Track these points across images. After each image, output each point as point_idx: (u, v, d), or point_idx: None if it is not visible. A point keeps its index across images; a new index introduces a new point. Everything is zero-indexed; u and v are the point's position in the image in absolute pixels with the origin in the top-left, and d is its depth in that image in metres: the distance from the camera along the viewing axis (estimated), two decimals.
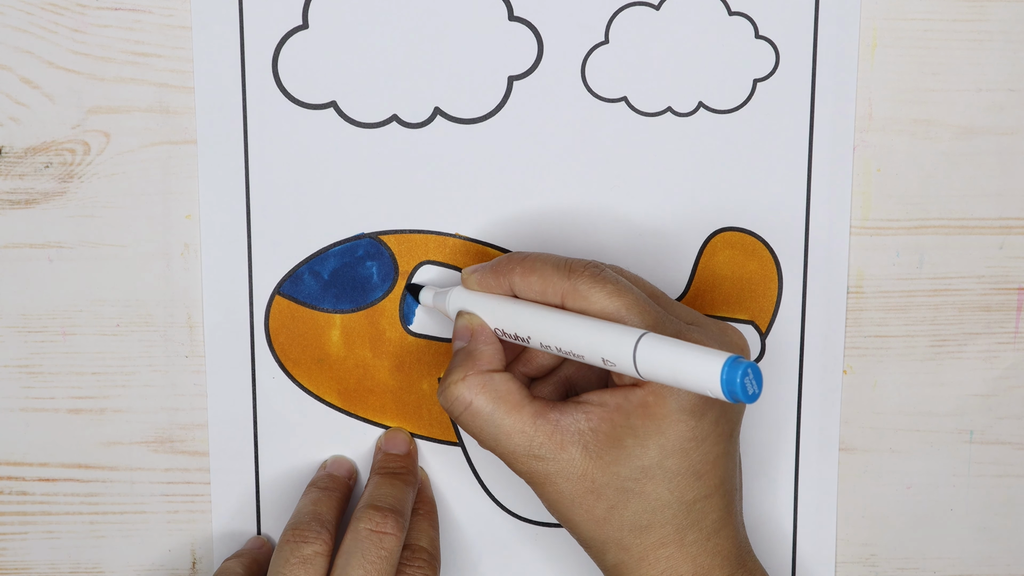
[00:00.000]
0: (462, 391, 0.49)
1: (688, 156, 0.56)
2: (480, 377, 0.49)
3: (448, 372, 0.50)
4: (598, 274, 0.49)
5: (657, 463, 0.48)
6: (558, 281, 0.49)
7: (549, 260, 0.50)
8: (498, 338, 0.51)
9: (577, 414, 0.49)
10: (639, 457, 0.48)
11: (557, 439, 0.48)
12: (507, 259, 0.51)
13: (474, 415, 0.49)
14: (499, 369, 0.50)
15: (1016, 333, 0.59)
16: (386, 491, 0.54)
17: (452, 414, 0.50)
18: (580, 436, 0.48)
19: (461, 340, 0.51)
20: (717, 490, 0.49)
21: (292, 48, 0.55)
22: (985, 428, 0.60)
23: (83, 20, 0.54)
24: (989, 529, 0.61)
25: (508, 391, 0.49)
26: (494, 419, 0.49)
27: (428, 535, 0.55)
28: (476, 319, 0.51)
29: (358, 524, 0.52)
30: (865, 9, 0.56)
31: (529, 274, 0.50)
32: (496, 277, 0.51)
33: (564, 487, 0.49)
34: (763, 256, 0.58)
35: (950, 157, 0.57)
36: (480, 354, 0.50)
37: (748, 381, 0.42)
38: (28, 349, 0.56)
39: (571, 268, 0.49)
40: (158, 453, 0.58)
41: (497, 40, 0.55)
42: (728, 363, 0.42)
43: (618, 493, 0.48)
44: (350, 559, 0.51)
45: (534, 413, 0.49)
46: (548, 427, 0.48)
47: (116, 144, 0.55)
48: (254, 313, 0.57)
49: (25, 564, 0.58)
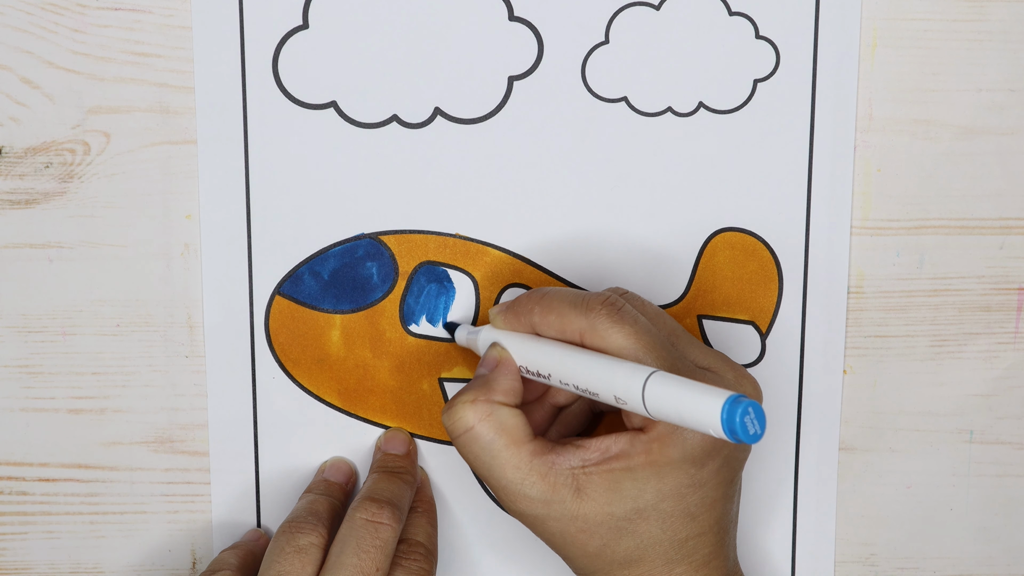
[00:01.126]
0: (467, 413, 0.49)
1: (688, 156, 0.56)
2: (488, 405, 0.49)
3: (459, 393, 0.50)
4: (615, 313, 0.49)
5: (652, 505, 0.48)
6: (576, 319, 0.49)
7: (566, 298, 0.50)
8: (521, 375, 0.51)
9: (573, 456, 0.49)
10: (635, 500, 0.48)
11: (550, 480, 0.48)
12: (526, 298, 0.51)
13: (473, 440, 0.49)
14: (511, 404, 0.50)
15: (1016, 333, 0.59)
16: (384, 486, 0.54)
17: (451, 434, 0.50)
18: (574, 480, 0.48)
19: (484, 368, 0.51)
20: (711, 528, 0.50)
21: (292, 48, 0.54)
22: (985, 428, 0.60)
23: (83, 20, 0.54)
24: (989, 529, 0.61)
25: (513, 426, 0.49)
26: (492, 449, 0.49)
27: (426, 531, 0.55)
28: (506, 353, 0.51)
29: (354, 514, 0.52)
30: (865, 9, 0.56)
31: (547, 313, 0.50)
32: (517, 317, 0.51)
33: (555, 528, 0.49)
34: (763, 256, 0.58)
35: (950, 157, 0.57)
36: (496, 384, 0.50)
37: (749, 420, 0.42)
38: (28, 349, 0.56)
39: (588, 306, 0.49)
40: (158, 453, 0.58)
41: (497, 40, 0.55)
42: (729, 401, 0.42)
43: (611, 531, 0.48)
44: (345, 547, 0.51)
45: (532, 452, 0.49)
46: (543, 467, 0.48)
47: (116, 144, 0.55)
48: (254, 313, 0.57)
49: (25, 564, 0.58)
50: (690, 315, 0.58)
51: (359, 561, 0.50)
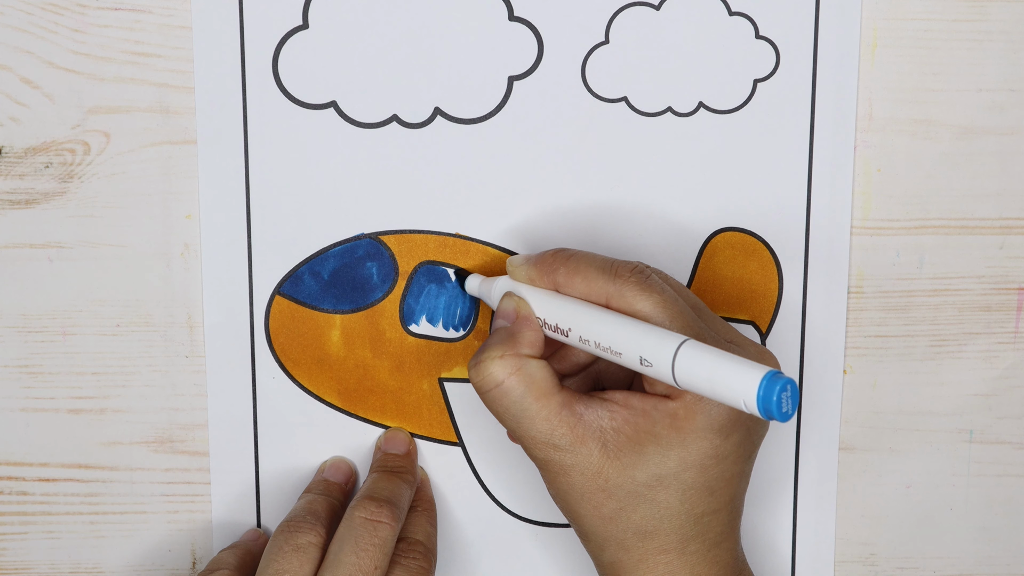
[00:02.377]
0: (496, 368, 0.49)
1: (688, 156, 0.56)
2: (517, 359, 0.49)
3: (485, 347, 0.50)
4: (644, 280, 0.49)
5: (674, 474, 0.48)
6: (603, 284, 0.49)
7: (594, 262, 0.50)
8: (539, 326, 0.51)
9: (602, 411, 0.49)
10: (657, 465, 0.48)
11: (579, 432, 0.48)
12: (552, 256, 0.51)
13: (503, 394, 0.49)
14: (536, 356, 0.50)
15: (1016, 333, 0.59)
16: (383, 485, 0.54)
17: (480, 389, 0.50)
18: (601, 433, 0.48)
19: (504, 319, 0.51)
20: (726, 506, 0.50)
21: (292, 48, 0.54)
22: (985, 428, 0.60)
23: (83, 20, 0.54)
24: (989, 529, 0.61)
25: (541, 377, 0.49)
26: (522, 403, 0.49)
27: (425, 530, 0.55)
28: (524, 304, 0.51)
29: (353, 513, 0.52)
30: (865, 9, 0.56)
31: (573, 275, 0.50)
32: (540, 274, 0.51)
33: (576, 480, 0.49)
34: (763, 256, 0.58)
35: (950, 157, 0.57)
36: (522, 337, 0.50)
37: (785, 398, 0.42)
38: (28, 349, 0.56)
39: (616, 272, 0.49)
40: (158, 453, 0.58)
41: (497, 40, 0.55)
42: (767, 377, 0.42)
43: (629, 496, 0.48)
44: (343, 545, 0.51)
45: (560, 403, 0.49)
46: (572, 419, 0.49)
47: (116, 144, 0.55)
48: (254, 313, 0.57)
49: (25, 564, 0.58)
50: None
51: (357, 559, 0.51)
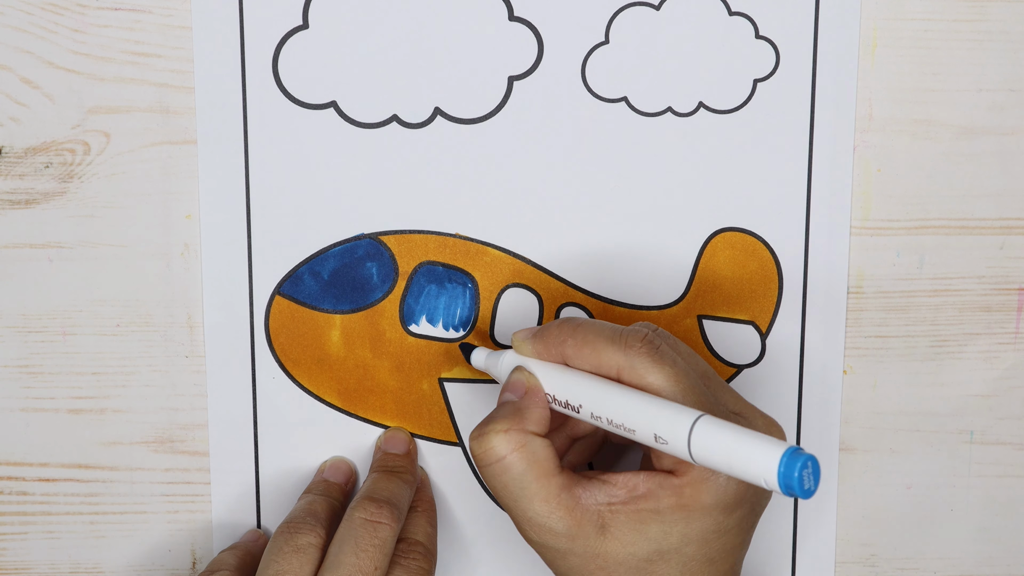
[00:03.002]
0: (499, 443, 0.48)
1: (688, 156, 0.56)
2: (522, 435, 0.48)
3: (490, 419, 0.49)
4: (654, 352, 0.48)
5: (676, 549, 0.48)
6: (613, 355, 0.48)
7: (603, 332, 0.49)
8: (547, 402, 0.50)
9: (600, 494, 0.48)
10: (659, 542, 0.48)
11: (577, 516, 0.48)
12: (558, 328, 0.50)
13: (504, 470, 0.48)
14: (541, 434, 0.49)
15: (1016, 333, 0.59)
16: (383, 485, 0.54)
17: (480, 463, 0.49)
18: (599, 516, 0.48)
19: (512, 393, 0.51)
20: (726, 574, 0.49)
21: (292, 48, 0.55)
22: (985, 428, 0.60)
23: (83, 20, 0.54)
24: (989, 529, 0.61)
25: (543, 457, 0.48)
26: (522, 481, 0.48)
27: (425, 531, 0.55)
28: (533, 378, 0.51)
29: (353, 513, 0.52)
30: (865, 9, 0.56)
31: (582, 346, 0.49)
32: (547, 347, 0.51)
33: (574, 562, 0.49)
34: (763, 256, 0.58)
35: (950, 157, 0.57)
36: (529, 412, 0.49)
37: (807, 475, 0.41)
38: (28, 349, 0.56)
39: (627, 343, 0.48)
40: (158, 453, 0.58)
41: (497, 40, 0.55)
42: (788, 454, 0.41)
43: (629, 571, 0.48)
44: (343, 546, 0.51)
45: (560, 485, 0.48)
46: (571, 502, 0.48)
47: (116, 144, 0.55)
48: (254, 313, 0.57)
49: (25, 564, 0.58)
50: (690, 315, 0.58)
51: (357, 560, 0.50)
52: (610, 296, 0.58)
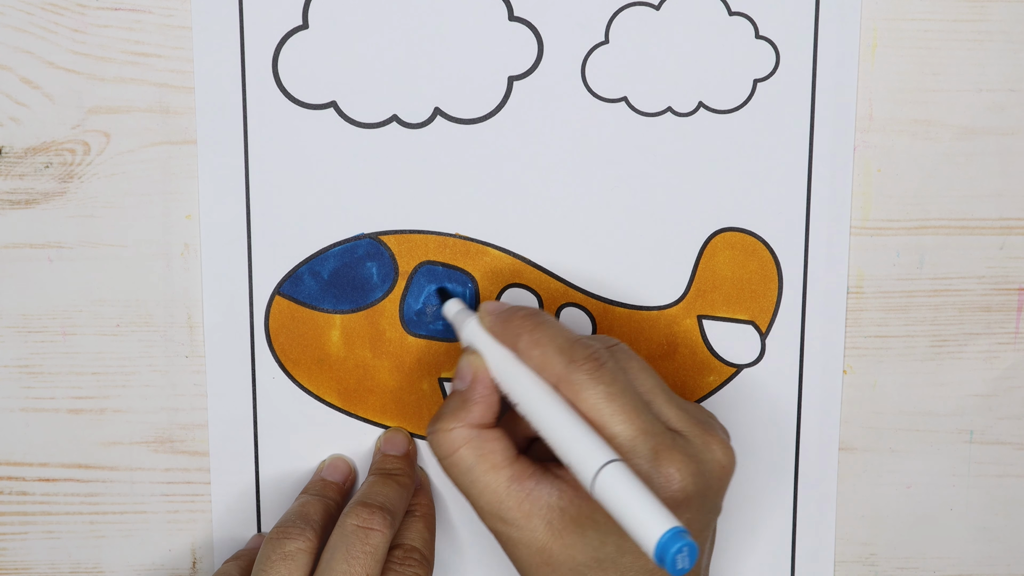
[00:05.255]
0: (448, 439, 0.50)
1: (688, 156, 0.56)
2: (468, 431, 0.50)
3: (440, 416, 0.51)
4: (597, 369, 0.48)
5: (612, 559, 0.48)
6: (556, 365, 0.48)
7: (556, 339, 0.49)
8: (496, 388, 0.51)
9: (551, 489, 0.49)
10: (596, 549, 0.48)
11: (526, 508, 0.48)
12: (520, 319, 0.51)
13: (453, 465, 0.50)
14: (490, 423, 0.50)
15: (1016, 333, 0.59)
16: (378, 490, 0.54)
17: (436, 456, 0.51)
18: (548, 511, 0.48)
19: (460, 381, 0.51)
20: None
21: (292, 48, 0.55)
22: (985, 428, 0.60)
23: (83, 20, 0.54)
24: (989, 529, 0.61)
25: (492, 450, 0.49)
26: (472, 473, 0.49)
27: (423, 536, 0.55)
28: (480, 363, 0.51)
29: (345, 520, 0.52)
30: (865, 9, 0.56)
31: (533, 347, 0.49)
32: (504, 332, 0.51)
33: (523, 554, 0.49)
34: (763, 256, 0.58)
35: (950, 157, 0.57)
36: (474, 404, 0.50)
37: (680, 557, 0.42)
38: (28, 349, 0.56)
39: (572, 356, 0.48)
40: (158, 453, 0.58)
41: (497, 40, 0.55)
42: (668, 535, 0.42)
43: (569, 572, 0.48)
44: (335, 553, 0.51)
45: (510, 477, 0.49)
46: (521, 494, 0.49)
47: (116, 144, 0.55)
48: (254, 313, 0.57)
49: (25, 564, 0.58)
50: (690, 315, 0.58)
51: (348, 567, 0.50)
52: (610, 296, 0.58)
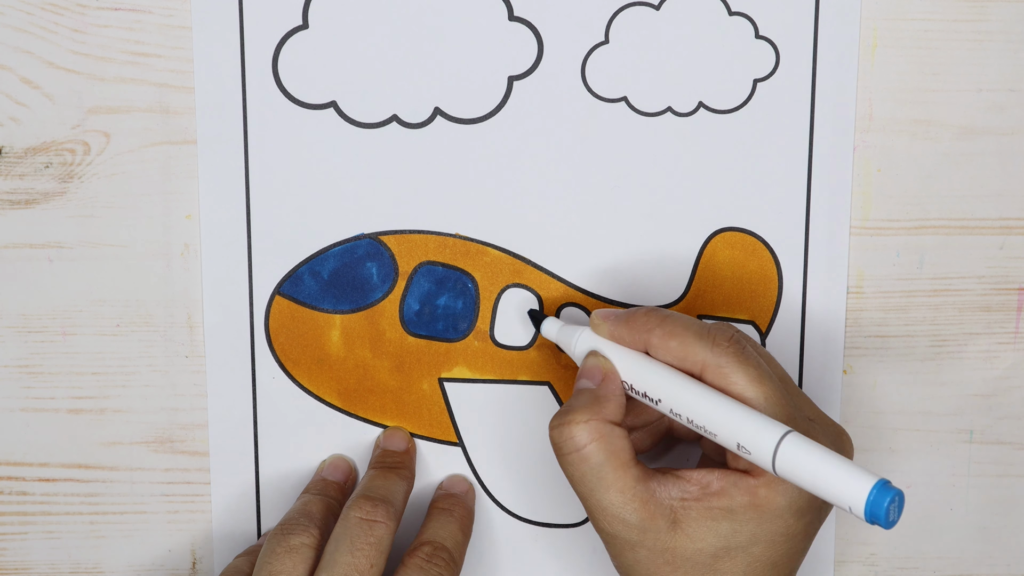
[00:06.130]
0: (579, 433, 0.49)
1: (688, 156, 0.56)
2: (601, 425, 0.49)
3: (569, 409, 0.49)
4: (741, 352, 0.48)
5: (743, 547, 0.48)
6: (700, 351, 0.48)
7: (691, 327, 0.49)
8: (624, 390, 0.51)
9: (674, 489, 0.49)
10: (728, 539, 0.48)
11: (650, 508, 0.48)
12: (645, 316, 0.51)
13: (583, 459, 0.49)
14: (618, 422, 0.50)
15: (1016, 333, 0.59)
16: (379, 483, 0.54)
17: (559, 451, 0.49)
18: (672, 511, 0.48)
19: (589, 380, 0.51)
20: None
21: (292, 48, 0.54)
22: (985, 428, 0.60)
23: (83, 20, 0.54)
24: (989, 529, 0.61)
25: (621, 448, 0.49)
26: (600, 471, 0.48)
27: (455, 539, 0.55)
28: (610, 364, 0.51)
29: (348, 512, 0.52)
30: (865, 9, 0.56)
31: (669, 338, 0.49)
32: (631, 332, 0.51)
33: (643, 555, 0.49)
34: (763, 256, 0.58)
35: (950, 157, 0.57)
36: (607, 401, 0.50)
37: (893, 508, 0.42)
38: (28, 349, 0.56)
39: (715, 340, 0.49)
40: (158, 453, 0.58)
41: (497, 40, 0.55)
42: (877, 487, 0.42)
43: (695, 568, 0.48)
44: (339, 545, 0.51)
45: (636, 477, 0.48)
46: (646, 494, 0.48)
47: (116, 144, 0.55)
48: (254, 313, 0.57)
49: (25, 564, 0.58)
50: (690, 315, 0.58)
51: (353, 559, 0.50)
52: (610, 296, 0.58)
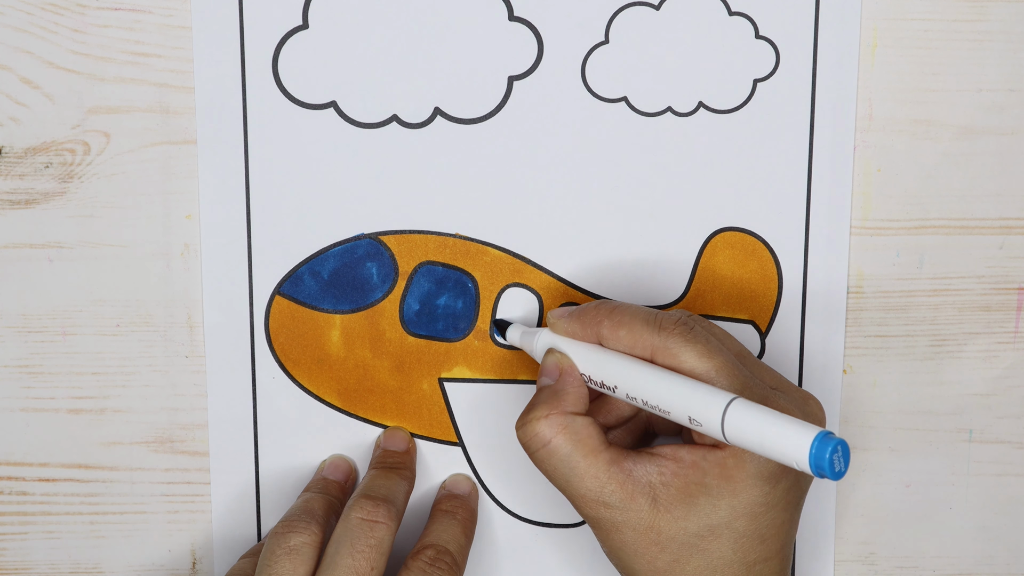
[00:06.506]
0: (543, 428, 0.49)
1: (688, 156, 0.56)
2: (563, 417, 0.49)
3: (530, 407, 0.50)
4: (688, 332, 0.49)
5: (726, 523, 0.48)
6: (648, 336, 0.49)
7: (638, 314, 0.50)
8: (583, 381, 0.51)
9: (650, 466, 0.49)
10: (708, 515, 0.48)
11: (628, 488, 0.49)
12: (595, 309, 0.51)
13: (551, 454, 0.49)
14: (582, 412, 0.50)
15: (1016, 333, 0.59)
16: (380, 483, 0.54)
17: (528, 449, 0.50)
18: (651, 488, 0.49)
19: (548, 377, 0.51)
20: (778, 554, 0.50)
21: (292, 48, 0.54)
22: (984, 427, 0.60)
23: (83, 20, 0.54)
24: (988, 528, 0.61)
25: (588, 435, 0.49)
26: (570, 461, 0.49)
27: (458, 542, 0.55)
28: (566, 359, 0.51)
29: (349, 513, 0.52)
30: (865, 9, 0.56)
31: (617, 328, 0.50)
32: (583, 327, 0.51)
33: (629, 536, 0.49)
34: (763, 256, 0.58)
35: (950, 157, 0.57)
36: (565, 395, 0.50)
37: (837, 458, 0.42)
38: (28, 349, 0.56)
39: (661, 324, 0.49)
40: (158, 453, 0.58)
41: (497, 40, 0.55)
42: (818, 438, 0.42)
43: (682, 547, 0.49)
44: (340, 547, 0.51)
45: (609, 460, 0.49)
46: (621, 476, 0.49)
47: (116, 144, 0.55)
48: (254, 313, 0.57)
49: (25, 564, 0.58)
50: None
51: (353, 561, 0.50)
52: (610, 296, 0.58)
